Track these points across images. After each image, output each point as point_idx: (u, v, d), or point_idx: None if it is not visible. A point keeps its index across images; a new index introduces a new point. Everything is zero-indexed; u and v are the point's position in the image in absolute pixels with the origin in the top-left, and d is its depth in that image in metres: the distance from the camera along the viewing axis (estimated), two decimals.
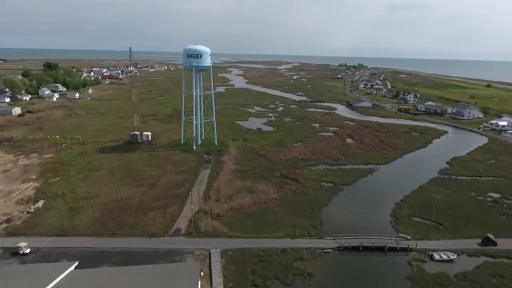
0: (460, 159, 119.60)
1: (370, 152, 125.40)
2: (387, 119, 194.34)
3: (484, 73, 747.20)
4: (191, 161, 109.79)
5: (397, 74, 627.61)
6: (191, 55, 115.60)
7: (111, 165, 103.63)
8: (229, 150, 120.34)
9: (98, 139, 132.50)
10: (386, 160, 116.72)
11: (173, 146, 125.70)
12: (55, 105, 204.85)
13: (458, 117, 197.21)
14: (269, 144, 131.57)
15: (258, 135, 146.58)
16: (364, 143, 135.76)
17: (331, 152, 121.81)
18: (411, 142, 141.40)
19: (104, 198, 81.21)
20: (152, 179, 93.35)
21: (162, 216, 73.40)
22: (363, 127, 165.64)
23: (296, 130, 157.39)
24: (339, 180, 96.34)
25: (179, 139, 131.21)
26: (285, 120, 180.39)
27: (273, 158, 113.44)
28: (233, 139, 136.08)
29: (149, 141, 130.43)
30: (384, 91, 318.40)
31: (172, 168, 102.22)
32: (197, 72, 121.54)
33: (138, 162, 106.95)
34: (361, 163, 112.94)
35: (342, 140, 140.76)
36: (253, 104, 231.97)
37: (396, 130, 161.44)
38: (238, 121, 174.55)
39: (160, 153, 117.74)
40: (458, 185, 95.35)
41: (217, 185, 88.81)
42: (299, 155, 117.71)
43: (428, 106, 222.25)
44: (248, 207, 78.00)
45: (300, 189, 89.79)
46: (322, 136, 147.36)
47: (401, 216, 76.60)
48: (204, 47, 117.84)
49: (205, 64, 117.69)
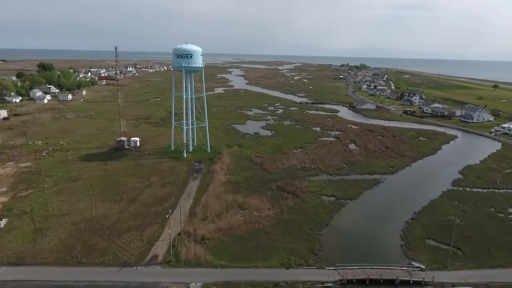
0: (473, 168, 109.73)
1: (375, 159, 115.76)
2: (392, 122, 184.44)
3: (489, 74, 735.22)
4: (179, 170, 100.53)
5: (401, 75, 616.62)
6: (180, 55, 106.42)
7: (91, 176, 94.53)
8: (222, 157, 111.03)
9: (83, 145, 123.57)
10: (393, 169, 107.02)
11: (163, 153, 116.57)
12: (44, 108, 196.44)
13: (467, 120, 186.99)
14: (266, 150, 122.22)
15: (255, 140, 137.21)
16: (369, 150, 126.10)
17: (333, 160, 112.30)
18: (419, 148, 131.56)
19: (77, 216, 72.09)
20: (133, 193, 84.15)
21: (139, 238, 64.17)
22: (367, 132, 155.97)
23: (295, 134, 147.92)
24: (342, 194, 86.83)
25: (169, 145, 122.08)
26: (284, 124, 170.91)
27: (269, 167, 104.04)
28: (228, 145, 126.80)
29: (137, 147, 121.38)
30: (388, 92, 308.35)
31: (158, 179, 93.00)
32: (188, 74, 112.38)
33: (121, 172, 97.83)
34: (366, 172, 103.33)
35: (345, 146, 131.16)
36: (252, 106, 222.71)
37: (402, 135, 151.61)
38: (235, 125, 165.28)
39: (147, 161, 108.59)
40: (474, 199, 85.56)
41: (205, 200, 79.48)
42: (298, 164, 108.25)
43: (435, 108, 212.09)
44: (238, 227, 68.64)
45: (298, 204, 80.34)
46: (323, 141, 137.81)
47: (413, 238, 66.98)
48: (195, 47, 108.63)
49: (196, 64, 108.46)
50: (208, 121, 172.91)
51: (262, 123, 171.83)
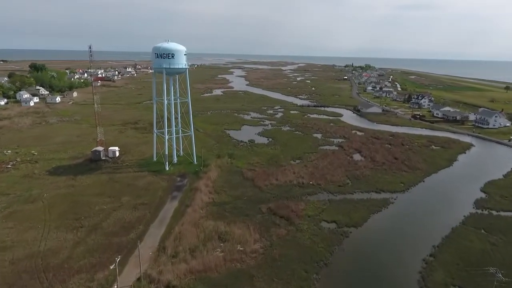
0: (497, 184, 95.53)
1: (383, 173, 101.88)
2: (400, 128, 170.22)
3: (498, 74, 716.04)
4: (157, 187, 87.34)
5: (406, 75, 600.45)
6: (160, 54, 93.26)
7: (54, 194, 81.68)
8: (209, 171, 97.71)
9: (56, 155, 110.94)
10: (404, 186, 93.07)
11: (143, 165, 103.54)
12: (29, 111, 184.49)
13: (482, 125, 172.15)
14: (260, 162, 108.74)
15: (249, 149, 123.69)
16: (376, 161, 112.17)
17: (335, 174, 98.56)
18: (432, 159, 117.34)
19: (21, 251, 59.16)
20: (98, 217, 71.12)
21: (87, 285, 51.02)
22: (373, 139, 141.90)
23: (294, 142, 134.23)
24: (344, 219, 73.15)
25: (152, 155, 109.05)
26: (283, 130, 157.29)
27: (262, 183, 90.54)
28: (218, 155, 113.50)
29: (115, 158, 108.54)
30: (395, 94, 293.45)
31: (130, 199, 79.88)
32: (170, 76, 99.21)
33: (90, 190, 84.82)
34: (373, 190, 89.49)
35: (349, 157, 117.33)
36: (250, 109, 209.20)
37: (412, 143, 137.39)
38: (229, 131, 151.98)
39: (123, 175, 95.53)
40: (504, 228, 71.35)
41: (179, 229, 66.17)
42: (295, 179, 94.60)
43: (446, 112, 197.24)
44: (216, 268, 55.18)
45: (292, 234, 66.81)
46: (325, 150, 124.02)
47: (434, 285, 53.15)
48: (178, 45, 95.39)
49: (178, 65, 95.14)
50: (201, 126, 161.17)
51: (258, 128, 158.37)
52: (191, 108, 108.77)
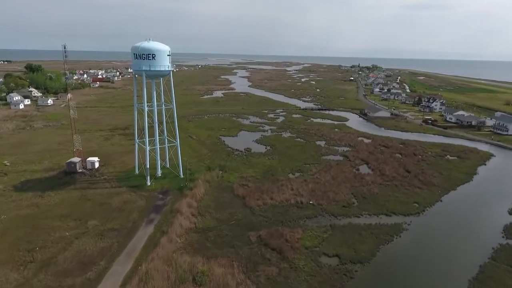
0: None
1: (394, 190, 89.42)
2: (411, 134, 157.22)
3: (509, 75, 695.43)
4: (133, 208, 76.01)
5: (415, 76, 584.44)
6: (140, 55, 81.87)
7: (12, 216, 70.79)
8: (196, 187, 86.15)
9: (29, 167, 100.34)
10: (419, 207, 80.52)
11: (122, 179, 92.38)
12: (16, 115, 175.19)
13: (501, 132, 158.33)
14: (255, 175, 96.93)
15: (244, 159, 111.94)
16: (385, 175, 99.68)
17: (339, 192, 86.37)
18: (449, 172, 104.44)
19: None
20: (55, 248, 59.96)
21: None
22: (381, 147, 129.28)
23: (294, 151, 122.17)
24: (349, 251, 61.07)
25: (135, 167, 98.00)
26: (283, 136, 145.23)
27: (254, 203, 78.78)
28: (208, 167, 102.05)
29: (94, 170, 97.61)
30: (403, 96, 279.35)
31: (99, 224, 68.66)
32: (152, 79, 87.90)
33: (55, 210, 73.74)
34: (382, 212, 77.16)
35: (355, 169, 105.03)
36: (250, 113, 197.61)
37: (425, 152, 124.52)
38: (225, 137, 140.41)
39: (98, 191, 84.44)
40: None
41: (147, 267, 54.62)
42: (293, 197, 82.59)
43: (460, 116, 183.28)
44: None
45: (285, 273, 54.88)
46: (328, 161, 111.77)
47: None
48: (160, 44, 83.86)
49: (160, 68, 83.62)
50: (195, 132, 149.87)
51: (257, 135, 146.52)
52: (179, 113, 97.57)
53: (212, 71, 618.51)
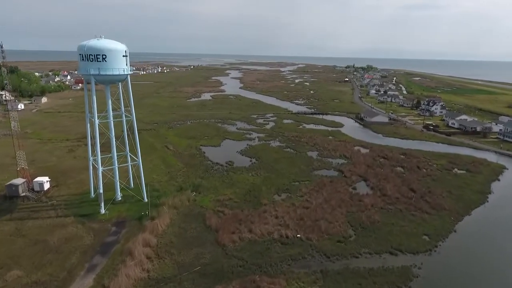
0: None
1: (399, 217, 74.98)
2: (412, 142, 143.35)
3: (506, 75, 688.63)
4: (75, 247, 60.49)
5: (410, 77, 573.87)
6: (87, 56, 66.35)
7: None
8: (159, 216, 70.90)
9: None
10: (430, 240, 66.04)
11: (74, 204, 76.81)
12: None
13: (510, 139, 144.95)
14: (234, 198, 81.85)
15: (224, 176, 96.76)
16: (387, 195, 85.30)
17: (333, 220, 71.65)
18: (459, 190, 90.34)
19: None
20: None
21: None
22: (381, 159, 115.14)
23: (283, 165, 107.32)
24: None
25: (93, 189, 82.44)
26: (271, 146, 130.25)
27: (228, 238, 63.72)
28: (180, 187, 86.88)
29: (42, 192, 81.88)
30: (401, 98, 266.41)
31: (23, 273, 53.13)
32: (105, 85, 72.49)
33: None
34: (386, 250, 62.49)
35: (351, 187, 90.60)
36: (238, 118, 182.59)
37: (430, 165, 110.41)
38: (206, 148, 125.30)
39: (38, 222, 68.82)
40: None
41: None
42: (277, 229, 67.64)
43: (463, 122, 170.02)
44: None
45: None
46: (320, 178, 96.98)
47: None
48: (112, 43, 68.21)
49: (113, 71, 68.07)
50: (173, 141, 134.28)
51: (242, 144, 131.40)
52: (160, 118, 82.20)
53: (203, 72, 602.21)
